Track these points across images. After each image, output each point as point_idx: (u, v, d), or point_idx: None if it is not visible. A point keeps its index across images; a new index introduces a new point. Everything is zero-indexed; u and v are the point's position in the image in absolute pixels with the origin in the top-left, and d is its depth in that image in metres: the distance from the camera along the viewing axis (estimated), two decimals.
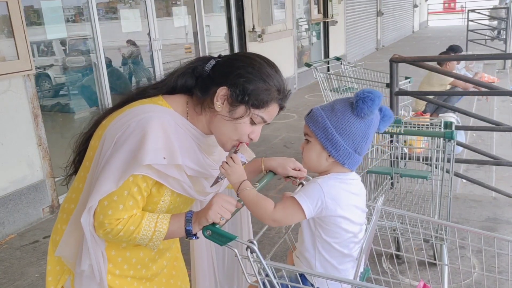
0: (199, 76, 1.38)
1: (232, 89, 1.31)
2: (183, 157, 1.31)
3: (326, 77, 4.91)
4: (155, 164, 1.25)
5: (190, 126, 1.38)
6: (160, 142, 1.26)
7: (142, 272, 1.48)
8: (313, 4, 9.75)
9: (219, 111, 1.33)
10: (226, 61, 1.38)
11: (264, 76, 1.32)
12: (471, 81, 4.09)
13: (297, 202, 1.31)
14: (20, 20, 3.59)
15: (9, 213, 3.63)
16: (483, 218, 3.35)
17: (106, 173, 1.25)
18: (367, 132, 1.34)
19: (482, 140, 5.31)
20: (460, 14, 23.84)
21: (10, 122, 3.63)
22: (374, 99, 1.28)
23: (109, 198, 1.27)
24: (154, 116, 1.29)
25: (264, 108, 1.33)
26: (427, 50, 12.46)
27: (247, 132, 1.36)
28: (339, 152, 1.33)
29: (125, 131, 1.27)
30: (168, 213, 1.39)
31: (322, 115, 1.33)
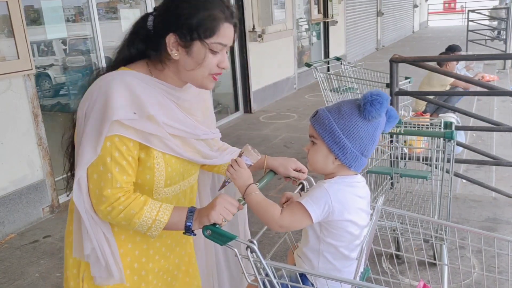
0: (146, 36, 1.36)
1: (178, 32, 1.29)
2: (157, 113, 1.30)
3: (326, 77, 4.91)
4: (126, 120, 1.25)
5: (157, 82, 1.37)
6: (125, 98, 1.26)
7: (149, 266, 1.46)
8: (313, 4, 9.75)
9: (178, 59, 1.32)
10: (161, 10, 1.35)
11: (200, 4, 1.30)
12: (471, 81, 4.09)
13: (303, 207, 1.30)
14: (20, 19, 3.59)
15: (9, 212, 3.63)
16: (483, 218, 3.35)
17: (83, 145, 1.27)
18: (374, 135, 1.33)
19: (482, 140, 5.31)
20: (460, 14, 23.85)
21: (10, 122, 3.63)
22: (382, 102, 1.26)
23: (96, 170, 1.27)
24: (113, 78, 1.30)
25: (216, 34, 1.30)
26: (427, 50, 12.46)
27: (215, 63, 1.34)
28: (346, 155, 1.31)
29: (90, 101, 1.29)
30: (168, 177, 1.38)
31: (328, 117, 1.31)
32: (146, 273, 1.47)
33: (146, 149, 1.32)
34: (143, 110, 1.27)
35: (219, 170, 1.67)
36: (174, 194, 1.45)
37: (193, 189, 1.58)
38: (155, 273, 1.49)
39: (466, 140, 5.15)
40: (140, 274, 1.46)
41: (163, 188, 1.40)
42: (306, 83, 9.17)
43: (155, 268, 1.49)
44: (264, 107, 7.58)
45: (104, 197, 1.27)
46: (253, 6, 7.12)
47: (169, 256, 1.53)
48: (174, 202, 1.46)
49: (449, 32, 18.04)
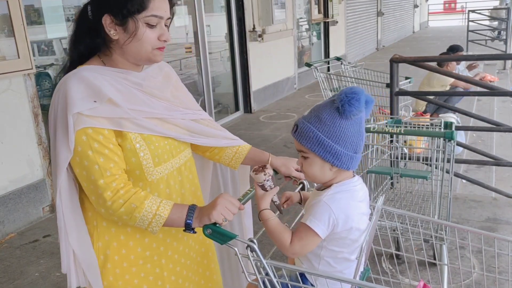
0: (89, 27, 1.36)
1: (111, 12, 1.31)
2: (119, 99, 1.32)
3: (327, 77, 4.91)
4: (88, 110, 1.27)
5: (112, 70, 1.38)
6: (82, 90, 1.28)
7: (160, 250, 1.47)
8: (314, 4, 9.75)
9: (118, 38, 1.33)
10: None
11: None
12: (472, 82, 4.09)
13: (309, 227, 1.29)
14: (20, 19, 3.59)
15: (9, 212, 3.63)
16: (483, 218, 3.35)
17: (57, 146, 1.29)
18: (361, 130, 1.32)
19: (482, 141, 5.31)
20: (460, 15, 23.86)
21: (10, 121, 3.63)
22: (359, 98, 1.24)
23: (82, 167, 1.29)
24: (68, 76, 1.33)
25: (147, 7, 1.31)
26: (427, 51, 12.46)
27: (154, 37, 1.34)
28: (341, 160, 1.30)
29: (54, 106, 1.32)
30: (155, 156, 1.38)
31: (311, 129, 1.28)
32: (159, 257, 1.47)
33: (120, 134, 1.33)
34: (102, 96, 1.29)
35: (220, 158, 1.66)
36: (168, 172, 1.44)
37: (191, 170, 1.57)
38: (168, 256, 1.48)
39: (466, 140, 5.15)
40: (153, 260, 1.46)
41: (154, 168, 1.39)
42: (306, 83, 9.17)
43: (167, 251, 1.48)
44: (264, 107, 7.58)
45: (99, 188, 1.28)
46: (253, 6, 7.12)
47: (181, 237, 1.52)
48: (172, 182, 1.46)
49: (450, 32, 18.04)
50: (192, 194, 1.56)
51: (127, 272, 1.43)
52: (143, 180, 1.38)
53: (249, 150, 1.66)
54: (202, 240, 1.61)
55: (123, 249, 1.42)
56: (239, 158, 1.65)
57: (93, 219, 1.41)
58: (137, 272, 1.44)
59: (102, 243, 1.41)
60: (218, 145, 1.59)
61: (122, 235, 1.41)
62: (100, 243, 1.41)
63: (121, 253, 1.42)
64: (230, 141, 1.62)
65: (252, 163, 1.67)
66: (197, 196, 1.60)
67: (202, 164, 1.75)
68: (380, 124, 2.65)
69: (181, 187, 1.50)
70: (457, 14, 26.66)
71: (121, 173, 1.32)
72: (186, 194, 1.52)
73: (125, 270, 1.43)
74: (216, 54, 7.06)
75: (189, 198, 1.53)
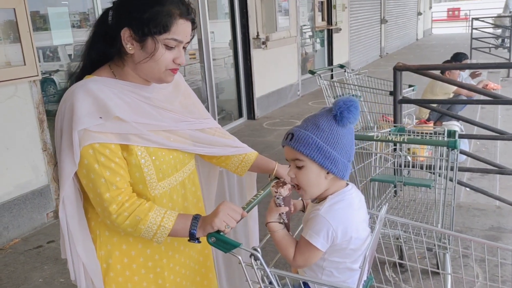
0: (106, 33, 1.35)
1: (131, 26, 1.29)
2: (126, 112, 1.31)
3: (330, 85, 4.92)
4: (93, 126, 1.26)
5: (121, 83, 1.37)
6: (89, 105, 1.27)
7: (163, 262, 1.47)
8: (317, 12, 9.79)
9: (133, 53, 1.32)
10: (117, 5, 1.35)
11: (153, 0, 1.29)
12: (475, 90, 4.09)
13: (309, 242, 1.30)
14: (27, 26, 3.62)
15: (14, 217, 3.64)
16: (486, 227, 3.34)
17: (62, 160, 1.29)
18: (353, 140, 1.35)
19: (486, 149, 5.30)
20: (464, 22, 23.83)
21: (15, 127, 3.66)
22: (357, 106, 1.28)
23: (89, 179, 1.29)
24: (76, 88, 1.31)
25: (169, 30, 1.30)
26: (431, 58, 12.47)
27: (170, 59, 1.34)
28: (338, 167, 1.31)
29: (60, 116, 1.31)
30: (159, 171, 1.38)
31: (310, 135, 1.29)
32: (161, 269, 1.47)
33: (126, 148, 1.33)
34: (108, 113, 1.28)
35: (227, 165, 1.67)
36: (172, 187, 1.45)
37: (194, 182, 1.58)
38: (170, 268, 1.49)
39: (470, 149, 5.14)
40: (155, 271, 1.47)
41: (157, 183, 1.40)
42: (309, 90, 9.19)
43: (169, 263, 1.49)
44: (267, 114, 7.59)
45: (105, 201, 1.29)
46: (257, 13, 7.16)
47: (183, 250, 1.53)
48: (175, 196, 1.46)
49: (453, 40, 18.04)
50: (195, 206, 1.57)
51: (129, 281, 1.44)
52: (146, 195, 1.39)
53: (255, 158, 1.67)
54: (201, 250, 1.62)
55: (125, 258, 1.43)
56: (246, 165, 1.66)
57: (96, 228, 1.42)
58: (140, 281, 1.45)
59: (105, 252, 1.42)
60: (224, 153, 1.60)
61: (124, 245, 1.42)
62: (103, 252, 1.42)
63: (123, 262, 1.43)
64: (235, 149, 1.62)
65: (259, 171, 1.69)
66: (199, 207, 1.61)
67: (209, 170, 1.76)
68: (383, 132, 2.66)
69: (184, 200, 1.51)
70: (461, 21, 26.64)
71: (126, 186, 1.33)
72: (189, 207, 1.54)
73: (128, 278, 1.44)
74: (220, 61, 7.09)
75: (192, 211, 1.54)
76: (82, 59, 1.41)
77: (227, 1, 6.94)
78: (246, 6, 6.89)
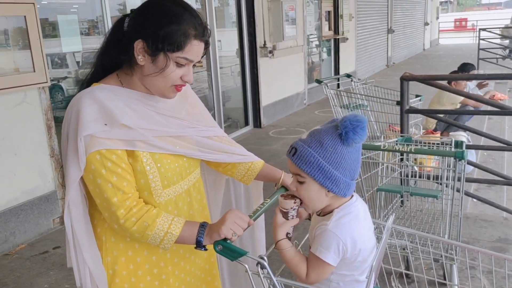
0: (120, 40, 1.35)
1: (146, 40, 1.30)
2: (132, 119, 1.32)
3: (336, 94, 4.93)
4: (98, 133, 1.27)
5: (128, 91, 1.38)
6: (94, 112, 1.29)
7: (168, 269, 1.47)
8: (324, 21, 9.83)
9: (143, 65, 1.33)
10: (135, 15, 1.35)
11: (172, 18, 1.29)
12: (482, 100, 4.08)
13: (320, 258, 1.29)
14: (37, 33, 3.67)
15: (20, 223, 3.66)
16: (493, 238, 3.32)
17: (68, 165, 1.30)
18: (359, 157, 1.31)
19: (493, 160, 5.27)
20: (471, 33, 23.84)
21: (24, 133, 3.69)
22: (364, 127, 1.23)
23: (95, 185, 1.30)
24: (83, 95, 1.33)
25: (182, 49, 1.30)
26: (438, 68, 12.46)
27: (178, 76, 1.34)
28: (339, 186, 1.29)
29: (67, 121, 1.33)
30: (164, 178, 1.39)
31: (312, 153, 1.26)
32: (167, 276, 1.47)
33: (132, 154, 1.34)
34: (114, 120, 1.29)
35: (233, 174, 1.67)
36: (177, 194, 1.45)
37: (200, 190, 1.58)
38: (176, 275, 1.49)
39: (477, 159, 5.11)
40: (161, 278, 1.47)
41: (162, 190, 1.40)
42: (316, 99, 9.20)
43: (175, 270, 1.49)
44: (274, 122, 7.60)
45: (113, 206, 1.29)
46: (264, 22, 7.20)
47: (188, 257, 1.53)
48: (181, 204, 1.47)
49: (460, 50, 18.03)
50: (200, 214, 1.58)
51: (135, 287, 1.44)
52: (152, 202, 1.39)
53: (262, 167, 1.67)
54: (207, 258, 1.63)
55: (131, 264, 1.43)
56: (252, 174, 1.66)
57: (102, 235, 1.43)
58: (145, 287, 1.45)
59: (111, 258, 1.42)
60: (230, 161, 1.60)
61: (130, 251, 1.43)
62: (109, 258, 1.42)
63: (129, 269, 1.43)
64: (242, 157, 1.63)
65: (265, 180, 1.69)
66: (205, 215, 1.62)
67: (215, 178, 1.77)
68: (390, 142, 2.66)
69: (189, 208, 1.52)
70: (468, 32, 26.65)
71: (133, 191, 1.34)
72: (195, 215, 1.54)
73: (133, 285, 1.44)
74: (227, 69, 7.12)
75: (197, 219, 1.54)
76: (93, 65, 1.43)
77: (234, 10, 6.99)
78: (253, 15, 6.94)
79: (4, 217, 3.54)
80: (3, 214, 3.54)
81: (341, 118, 1.26)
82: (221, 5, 6.97)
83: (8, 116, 3.57)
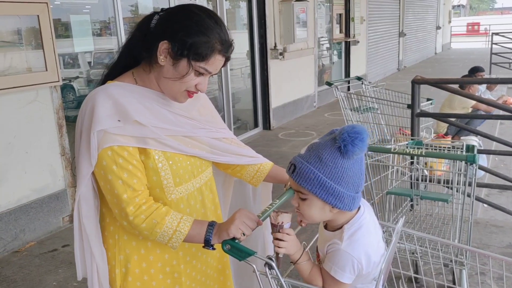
0: (145, 35, 1.36)
1: (172, 43, 1.30)
2: (145, 117, 1.33)
3: (347, 97, 4.91)
4: (111, 128, 1.28)
5: (142, 89, 1.39)
6: (108, 108, 1.30)
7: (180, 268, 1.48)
8: (335, 24, 9.81)
9: (163, 65, 1.33)
10: (166, 15, 1.36)
11: (203, 29, 1.30)
12: (494, 105, 4.04)
13: (336, 279, 1.26)
14: (50, 33, 3.70)
15: (30, 220, 3.69)
16: (504, 244, 3.28)
17: (80, 160, 1.31)
18: (362, 169, 1.26)
19: (504, 165, 5.22)
20: (483, 37, 23.64)
21: (35, 132, 3.72)
22: (363, 138, 1.18)
23: (106, 181, 1.31)
24: (97, 91, 1.34)
25: (206, 60, 1.32)
26: (449, 72, 12.37)
27: (194, 84, 1.36)
28: (343, 202, 1.23)
29: (81, 118, 1.34)
30: (176, 176, 1.39)
31: (312, 170, 1.21)
32: (179, 275, 1.48)
33: (144, 152, 1.34)
34: (127, 117, 1.30)
35: (242, 176, 1.67)
36: (189, 193, 1.46)
37: (212, 189, 1.58)
38: (187, 274, 1.50)
39: (488, 164, 5.07)
40: (173, 277, 1.47)
41: (174, 188, 1.41)
42: (326, 102, 9.18)
43: (187, 269, 1.50)
44: (283, 124, 7.60)
45: (123, 202, 1.30)
46: (275, 24, 7.20)
47: (201, 256, 1.53)
48: (193, 202, 1.47)
49: (472, 54, 17.89)
50: (213, 213, 1.58)
51: (147, 286, 1.45)
52: (163, 199, 1.40)
53: (270, 168, 1.67)
54: (220, 258, 1.62)
55: (143, 262, 1.43)
56: (261, 176, 1.66)
57: (115, 233, 1.43)
58: (157, 286, 1.46)
59: (124, 256, 1.43)
60: (239, 163, 1.61)
61: (143, 249, 1.43)
62: (122, 256, 1.43)
63: (142, 267, 1.43)
64: (251, 159, 1.63)
65: (274, 181, 1.69)
66: (218, 214, 1.62)
67: (224, 180, 1.77)
68: (400, 145, 2.64)
69: (202, 206, 1.52)
70: (481, 36, 26.43)
71: (143, 189, 1.34)
72: (207, 213, 1.54)
73: (146, 283, 1.44)
74: (237, 71, 7.13)
75: (210, 218, 1.54)
76: (117, 58, 1.44)
77: (245, 12, 7.00)
78: (264, 17, 6.95)
79: (14, 214, 3.57)
80: (14, 211, 3.57)
81: (339, 130, 1.22)
82: (233, 7, 6.99)
83: (20, 115, 3.61)
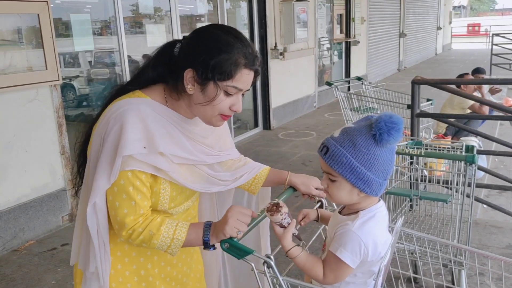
0: (169, 62, 1.35)
1: (196, 69, 1.29)
2: (167, 145, 1.32)
3: (347, 97, 4.91)
4: (137, 155, 1.27)
5: (170, 112, 1.37)
6: (138, 132, 1.28)
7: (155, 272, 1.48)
8: (336, 24, 9.81)
9: (192, 94, 1.32)
10: (187, 42, 1.35)
11: (222, 46, 1.28)
12: (494, 106, 4.04)
13: (340, 259, 1.26)
14: (50, 31, 3.70)
15: (30, 219, 3.69)
16: (503, 245, 3.28)
17: (98, 172, 1.28)
18: (392, 158, 1.28)
19: (504, 166, 5.22)
20: (484, 38, 23.65)
21: (35, 130, 3.72)
22: (399, 129, 1.20)
23: (118, 198, 1.30)
24: (129, 109, 1.31)
25: (232, 78, 1.29)
26: (449, 73, 12.36)
27: (227, 106, 1.34)
28: (372, 187, 1.26)
29: (107, 129, 1.30)
30: (172, 200, 1.40)
31: (345, 154, 1.24)
32: (153, 279, 1.49)
33: (154, 176, 1.35)
34: (153, 147, 1.29)
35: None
36: (178, 213, 1.47)
37: (195, 207, 1.60)
38: (162, 278, 1.50)
39: (488, 165, 5.06)
40: (148, 280, 1.48)
41: (167, 210, 1.42)
42: (326, 102, 9.18)
43: (161, 274, 1.50)
44: (283, 124, 7.60)
45: (126, 223, 1.30)
46: (276, 24, 7.20)
47: (176, 263, 1.54)
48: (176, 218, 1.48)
49: (473, 55, 17.89)
50: None
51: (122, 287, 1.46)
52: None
53: (267, 174, 1.66)
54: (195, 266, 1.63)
55: (119, 264, 1.44)
56: (259, 182, 1.66)
57: None
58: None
59: None
60: (236, 185, 1.59)
61: (119, 251, 1.44)
62: None
63: (117, 268, 1.44)
64: (247, 176, 1.60)
65: (272, 185, 1.68)
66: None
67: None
68: (400, 145, 2.64)
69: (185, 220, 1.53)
70: (481, 37, 26.43)
71: (149, 211, 1.36)
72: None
73: (121, 285, 1.45)
74: None
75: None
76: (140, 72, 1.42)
77: (246, 12, 7.00)
78: (265, 17, 6.95)
79: (13, 213, 3.58)
80: (13, 210, 3.57)
81: (376, 118, 1.23)
82: (233, 7, 6.99)
83: (20, 113, 3.61)
